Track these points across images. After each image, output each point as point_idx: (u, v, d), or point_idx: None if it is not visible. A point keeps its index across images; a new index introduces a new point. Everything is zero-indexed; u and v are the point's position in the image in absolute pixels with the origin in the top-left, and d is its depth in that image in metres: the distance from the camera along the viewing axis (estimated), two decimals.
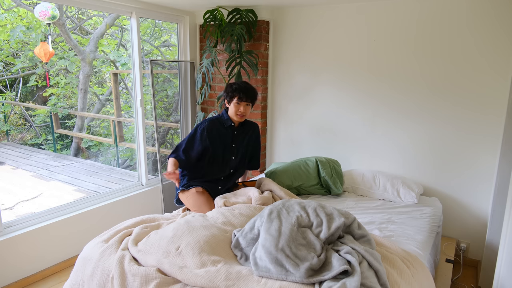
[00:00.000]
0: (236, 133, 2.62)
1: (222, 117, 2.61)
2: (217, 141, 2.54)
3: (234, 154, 2.62)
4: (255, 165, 2.82)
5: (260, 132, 2.81)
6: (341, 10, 3.09)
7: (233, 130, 2.61)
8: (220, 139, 2.56)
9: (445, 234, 2.94)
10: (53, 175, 5.56)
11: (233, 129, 2.61)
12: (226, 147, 2.57)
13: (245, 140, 2.68)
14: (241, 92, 2.48)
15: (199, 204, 2.38)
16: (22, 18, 6.26)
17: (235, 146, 2.62)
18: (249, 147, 2.73)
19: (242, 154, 2.67)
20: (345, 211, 1.88)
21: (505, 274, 1.92)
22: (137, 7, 3.12)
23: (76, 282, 1.82)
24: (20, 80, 7.69)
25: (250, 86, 2.53)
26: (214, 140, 2.52)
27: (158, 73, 6.53)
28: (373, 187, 2.88)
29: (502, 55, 2.55)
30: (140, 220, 2.09)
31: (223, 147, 2.56)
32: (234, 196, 2.39)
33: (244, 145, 2.67)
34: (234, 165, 2.63)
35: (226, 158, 2.58)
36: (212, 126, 2.54)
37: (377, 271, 1.55)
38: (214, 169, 2.56)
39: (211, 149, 2.51)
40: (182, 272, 1.56)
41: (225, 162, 2.58)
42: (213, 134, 2.52)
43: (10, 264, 2.49)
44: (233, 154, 2.61)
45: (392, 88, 2.99)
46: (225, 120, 2.59)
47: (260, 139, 2.82)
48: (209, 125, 2.54)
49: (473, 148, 2.74)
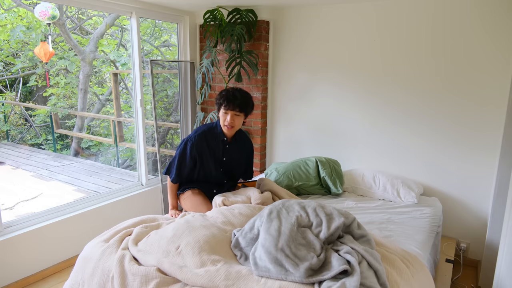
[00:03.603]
0: (228, 147, 2.44)
1: (215, 128, 2.40)
2: (207, 155, 2.38)
3: (224, 167, 2.48)
4: (249, 176, 2.70)
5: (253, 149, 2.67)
6: (341, 10, 3.09)
7: (224, 144, 2.42)
8: (210, 153, 2.39)
9: (445, 234, 2.94)
10: (53, 175, 5.55)
11: (224, 143, 2.42)
12: (216, 161, 2.42)
13: (236, 155, 2.50)
14: (227, 100, 2.22)
15: (196, 204, 2.38)
16: (22, 18, 6.26)
17: (226, 160, 2.46)
18: (241, 165, 2.58)
19: (233, 168, 2.53)
20: (345, 211, 1.88)
21: (505, 274, 1.92)
22: (137, 7, 3.12)
23: (76, 282, 1.82)
24: (20, 80, 7.69)
25: (240, 94, 2.26)
26: (203, 155, 2.37)
27: (158, 73, 6.53)
28: (373, 187, 2.88)
29: (502, 54, 2.55)
30: (140, 220, 2.09)
31: (214, 160, 2.41)
32: (233, 195, 2.37)
33: (235, 160, 2.51)
34: (225, 177, 2.53)
35: (217, 172, 2.45)
36: (202, 142, 2.35)
37: (376, 271, 1.56)
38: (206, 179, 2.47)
39: (199, 164, 2.39)
40: (182, 271, 1.56)
41: (216, 174, 2.46)
42: (202, 150, 2.36)
43: (10, 264, 2.49)
44: (224, 167, 2.48)
45: (392, 88, 2.99)
46: (218, 133, 2.39)
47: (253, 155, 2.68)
48: (198, 141, 2.34)
49: (473, 148, 2.74)
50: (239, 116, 2.28)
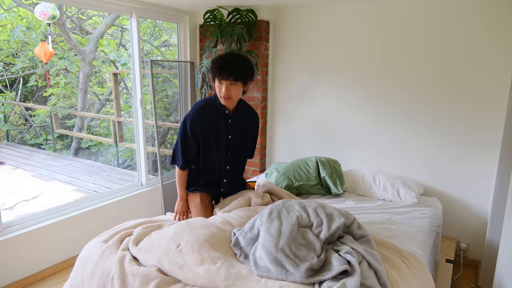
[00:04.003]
0: (231, 122, 2.13)
1: (214, 101, 2.09)
2: (208, 133, 2.09)
3: (231, 148, 2.17)
4: (251, 154, 2.43)
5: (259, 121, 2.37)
6: (341, 10, 3.09)
7: (226, 118, 2.11)
8: (213, 132, 2.09)
9: (445, 234, 2.94)
10: (53, 175, 5.55)
11: (226, 117, 2.11)
12: (220, 141, 2.12)
13: (242, 130, 2.19)
14: (220, 68, 1.92)
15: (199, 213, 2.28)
16: (22, 18, 6.26)
17: (232, 138, 2.15)
18: (248, 140, 2.29)
19: (241, 147, 2.23)
20: (345, 211, 1.88)
21: (505, 274, 1.92)
22: (137, 7, 3.12)
23: (76, 283, 1.82)
24: (20, 80, 7.69)
25: (234, 59, 1.94)
26: (204, 134, 2.08)
27: (158, 73, 6.53)
28: (373, 187, 2.88)
29: (502, 53, 2.55)
30: (141, 222, 2.10)
31: (217, 140, 2.11)
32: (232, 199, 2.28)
33: (242, 135, 2.20)
34: (231, 161, 2.22)
35: (221, 154, 2.16)
36: (201, 118, 2.06)
37: (376, 271, 1.56)
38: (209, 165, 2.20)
39: (203, 145, 2.11)
40: (183, 271, 1.57)
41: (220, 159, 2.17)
42: (203, 127, 2.07)
43: (10, 264, 2.49)
44: (229, 148, 2.16)
45: (392, 88, 2.99)
46: (217, 106, 2.08)
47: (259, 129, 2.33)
48: (197, 117, 2.06)
49: (473, 148, 2.74)
50: (236, 86, 1.97)
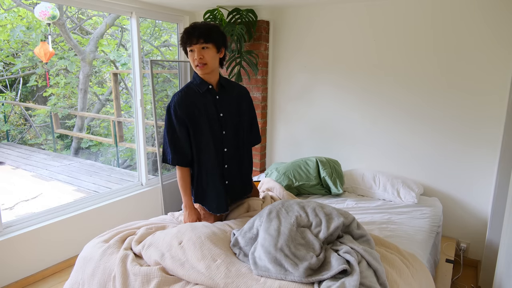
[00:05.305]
0: (219, 98, 1.97)
1: (194, 81, 1.96)
2: (196, 114, 1.92)
3: (224, 126, 1.98)
4: (256, 137, 2.19)
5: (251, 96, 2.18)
6: (341, 10, 3.09)
7: (213, 94, 1.96)
8: (200, 112, 1.92)
9: (445, 234, 2.94)
10: (53, 175, 5.56)
11: (213, 94, 1.96)
12: (211, 120, 1.94)
13: (234, 106, 2.02)
14: (188, 33, 1.82)
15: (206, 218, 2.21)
16: (22, 18, 6.27)
17: (224, 115, 1.97)
18: (245, 117, 2.08)
19: (236, 125, 2.03)
20: (344, 211, 1.88)
21: (505, 274, 1.92)
22: (137, 7, 3.12)
23: (76, 282, 1.83)
24: (20, 80, 7.69)
25: (202, 23, 1.86)
26: (191, 115, 1.91)
27: (158, 73, 6.53)
28: (373, 187, 2.88)
29: (502, 53, 2.55)
30: (143, 224, 2.11)
31: (208, 120, 1.93)
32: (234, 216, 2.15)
33: (235, 113, 2.02)
34: (229, 142, 2.01)
35: (216, 135, 1.96)
36: (183, 99, 1.91)
37: (376, 270, 1.56)
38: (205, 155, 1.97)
39: (192, 129, 1.93)
40: (184, 268, 1.60)
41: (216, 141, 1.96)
42: (188, 108, 1.91)
43: (10, 264, 2.50)
44: (224, 128, 1.98)
45: (392, 88, 2.99)
46: (199, 84, 1.93)
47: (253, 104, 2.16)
48: (178, 100, 1.90)
49: (473, 148, 2.74)
50: (208, 49, 1.84)
